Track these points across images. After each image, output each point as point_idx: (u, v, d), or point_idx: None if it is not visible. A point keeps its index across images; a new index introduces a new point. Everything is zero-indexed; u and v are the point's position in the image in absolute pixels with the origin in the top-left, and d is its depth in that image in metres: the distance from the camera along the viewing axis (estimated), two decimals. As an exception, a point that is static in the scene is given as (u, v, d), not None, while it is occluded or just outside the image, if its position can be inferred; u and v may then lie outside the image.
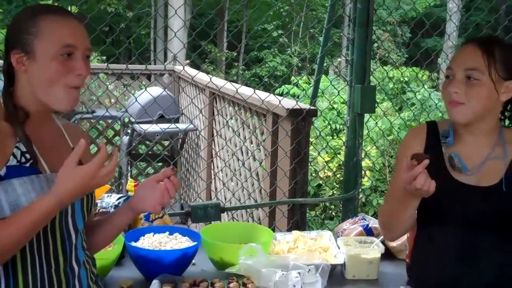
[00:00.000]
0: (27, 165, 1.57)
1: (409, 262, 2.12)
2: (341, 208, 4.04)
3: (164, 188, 1.80)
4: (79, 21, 1.65)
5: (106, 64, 7.64)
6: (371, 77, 3.73)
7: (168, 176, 1.81)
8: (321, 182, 6.94)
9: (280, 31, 16.96)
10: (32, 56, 1.57)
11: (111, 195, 2.87)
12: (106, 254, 2.40)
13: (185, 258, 2.45)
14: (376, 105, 3.77)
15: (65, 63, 1.58)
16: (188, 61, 9.11)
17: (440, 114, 6.00)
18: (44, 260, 1.59)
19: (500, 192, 1.80)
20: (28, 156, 1.58)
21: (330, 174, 6.88)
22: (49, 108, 1.64)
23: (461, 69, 1.80)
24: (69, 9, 10.31)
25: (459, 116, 1.81)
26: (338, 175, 6.75)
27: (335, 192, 6.45)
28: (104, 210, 2.77)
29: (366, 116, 3.82)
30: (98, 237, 1.87)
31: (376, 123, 4.54)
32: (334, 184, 6.76)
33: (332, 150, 6.16)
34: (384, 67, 7.07)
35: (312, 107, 3.83)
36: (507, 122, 1.95)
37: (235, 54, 16.64)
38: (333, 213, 7.02)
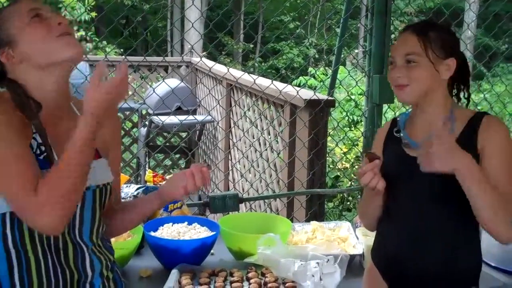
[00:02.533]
0: (41, 157, 1.58)
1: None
2: (359, 199, 4.02)
3: (189, 173, 1.80)
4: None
5: (124, 56, 7.67)
6: (390, 68, 3.69)
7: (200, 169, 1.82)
8: (338, 173, 6.92)
9: (297, 23, 16.90)
10: (14, 42, 1.61)
11: (130, 186, 2.90)
12: (126, 244, 2.42)
13: (203, 248, 2.46)
14: (394, 95, 3.73)
15: (40, 23, 1.62)
16: (205, 53, 9.12)
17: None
18: (53, 249, 1.61)
19: None
20: (43, 148, 1.59)
21: (347, 165, 6.86)
22: (59, 64, 1.64)
23: (400, 55, 1.94)
24: (86, 1, 10.29)
25: (404, 97, 1.95)
26: (356, 167, 6.73)
27: (353, 183, 6.42)
28: (123, 200, 2.79)
29: (385, 106, 3.80)
30: (120, 221, 1.88)
31: (395, 113, 4.51)
32: (352, 175, 6.74)
33: (349, 142, 6.13)
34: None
35: (330, 98, 3.81)
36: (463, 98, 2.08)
37: (251, 46, 16.62)
38: (351, 205, 7.00)
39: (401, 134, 2.01)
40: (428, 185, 1.91)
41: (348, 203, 7.04)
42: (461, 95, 2.05)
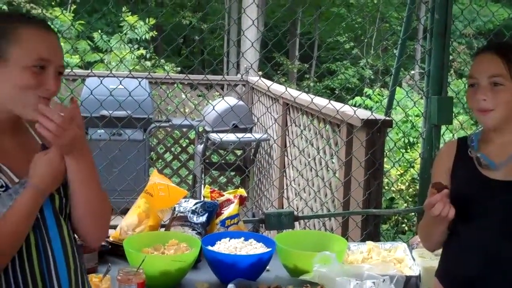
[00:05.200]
0: None
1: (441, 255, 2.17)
2: (414, 222, 3.98)
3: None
4: (57, 37, 1.66)
5: (183, 74, 7.87)
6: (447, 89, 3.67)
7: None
8: (394, 195, 6.85)
9: (352, 43, 16.86)
10: (4, 61, 1.56)
11: (188, 200, 2.95)
12: (184, 257, 2.47)
13: (260, 263, 2.49)
14: (453, 117, 3.71)
15: (37, 76, 1.58)
16: (261, 72, 9.22)
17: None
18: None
19: None
20: None
21: (403, 187, 6.78)
22: (13, 115, 1.62)
23: (484, 76, 1.90)
24: (147, 20, 10.60)
25: (490, 122, 1.93)
26: (411, 189, 6.64)
27: (408, 205, 6.34)
28: (181, 214, 2.86)
29: (443, 128, 3.76)
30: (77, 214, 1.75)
31: (453, 135, 4.46)
32: (407, 197, 6.65)
33: (405, 163, 6.07)
34: (460, 79, 6.92)
35: (388, 118, 3.80)
36: None
37: (307, 66, 16.66)
38: (406, 227, 6.90)
39: (478, 155, 1.97)
40: (506, 207, 1.88)
41: (403, 225, 6.94)
42: None
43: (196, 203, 2.89)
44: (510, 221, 1.88)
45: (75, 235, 1.75)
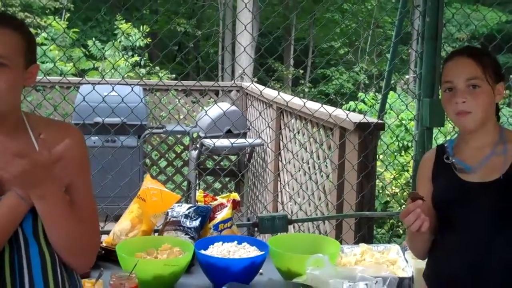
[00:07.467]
0: None
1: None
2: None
3: None
4: None
5: (177, 80, 7.89)
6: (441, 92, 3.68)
7: None
8: (388, 199, 6.86)
9: (347, 49, 16.94)
10: None
11: (181, 205, 2.96)
12: (177, 261, 2.47)
13: (253, 267, 2.49)
14: (445, 120, 3.72)
15: None
16: (255, 78, 9.25)
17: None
18: None
19: (501, 185, 1.90)
20: None
21: (397, 190, 6.80)
22: None
23: (462, 79, 1.93)
24: (140, 28, 10.63)
25: (469, 125, 1.95)
26: (406, 192, 6.65)
27: (402, 208, 6.36)
28: (174, 219, 2.86)
29: (435, 131, 3.78)
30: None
31: (445, 138, 4.47)
32: (402, 201, 6.66)
33: (400, 167, 6.08)
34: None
35: (380, 121, 3.82)
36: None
37: (301, 71, 16.71)
38: (401, 230, 6.91)
39: (454, 160, 2.01)
40: (486, 209, 1.91)
41: (398, 229, 6.95)
42: None
43: (189, 208, 2.90)
44: (488, 221, 1.91)
45: None
